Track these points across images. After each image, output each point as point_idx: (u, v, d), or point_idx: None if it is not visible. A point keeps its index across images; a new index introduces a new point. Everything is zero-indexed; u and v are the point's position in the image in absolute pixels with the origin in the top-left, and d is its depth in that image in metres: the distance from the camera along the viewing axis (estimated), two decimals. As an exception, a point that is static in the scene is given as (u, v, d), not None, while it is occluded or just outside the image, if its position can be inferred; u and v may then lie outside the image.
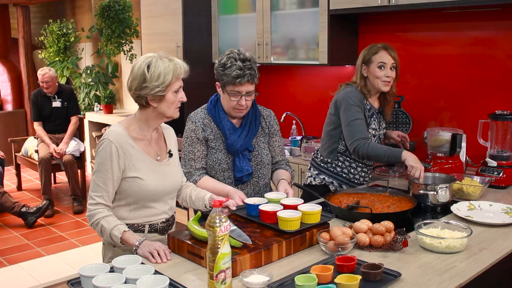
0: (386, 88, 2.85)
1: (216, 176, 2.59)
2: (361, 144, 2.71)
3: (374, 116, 2.91)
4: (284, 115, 4.45)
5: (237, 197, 2.36)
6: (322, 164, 3.00)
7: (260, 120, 2.66)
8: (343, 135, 2.86)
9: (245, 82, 2.44)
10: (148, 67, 2.04)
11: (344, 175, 2.96)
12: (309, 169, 3.10)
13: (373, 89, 2.87)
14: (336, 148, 2.94)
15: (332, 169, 2.97)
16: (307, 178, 3.08)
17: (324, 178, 2.98)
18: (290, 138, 4.47)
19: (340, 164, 2.95)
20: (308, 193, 2.72)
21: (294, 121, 4.55)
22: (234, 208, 2.25)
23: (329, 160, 2.97)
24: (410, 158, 2.60)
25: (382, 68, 2.80)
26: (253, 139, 2.62)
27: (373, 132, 2.90)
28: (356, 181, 2.97)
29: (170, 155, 2.26)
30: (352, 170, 2.95)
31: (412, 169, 2.57)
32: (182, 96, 2.13)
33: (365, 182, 3.02)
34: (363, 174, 2.98)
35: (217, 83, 2.55)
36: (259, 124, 2.65)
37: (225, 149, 2.57)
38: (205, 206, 2.29)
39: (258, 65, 2.69)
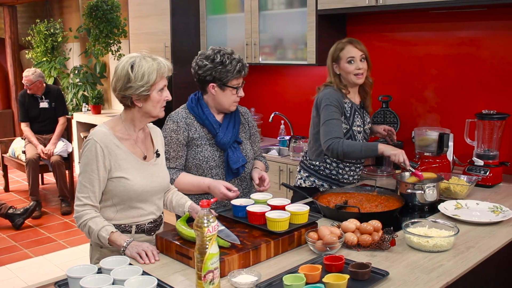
0: (360, 81, 2.88)
1: (204, 174, 2.57)
2: (335, 142, 2.73)
3: (357, 113, 2.92)
4: (272, 115, 4.45)
5: (221, 186, 2.38)
6: (311, 167, 3.00)
7: (239, 114, 2.68)
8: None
9: (246, 73, 2.54)
10: (132, 67, 2.03)
11: (333, 176, 2.96)
12: (299, 171, 3.08)
13: (349, 83, 2.89)
14: (323, 151, 2.93)
15: (321, 172, 2.96)
16: (297, 180, 3.07)
17: (314, 181, 2.98)
18: (278, 138, 4.47)
19: (328, 166, 2.95)
20: (298, 193, 2.72)
21: (282, 121, 4.55)
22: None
23: (317, 163, 2.96)
24: (386, 149, 2.69)
25: (352, 62, 2.84)
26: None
27: (358, 128, 2.91)
28: (345, 181, 2.97)
29: (157, 155, 2.25)
30: (340, 171, 2.95)
31: (394, 156, 2.63)
32: (167, 95, 2.12)
33: (355, 181, 3.02)
34: (351, 173, 2.98)
35: (212, 84, 2.50)
36: (239, 118, 2.67)
37: (210, 147, 2.56)
38: (184, 214, 2.26)
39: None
